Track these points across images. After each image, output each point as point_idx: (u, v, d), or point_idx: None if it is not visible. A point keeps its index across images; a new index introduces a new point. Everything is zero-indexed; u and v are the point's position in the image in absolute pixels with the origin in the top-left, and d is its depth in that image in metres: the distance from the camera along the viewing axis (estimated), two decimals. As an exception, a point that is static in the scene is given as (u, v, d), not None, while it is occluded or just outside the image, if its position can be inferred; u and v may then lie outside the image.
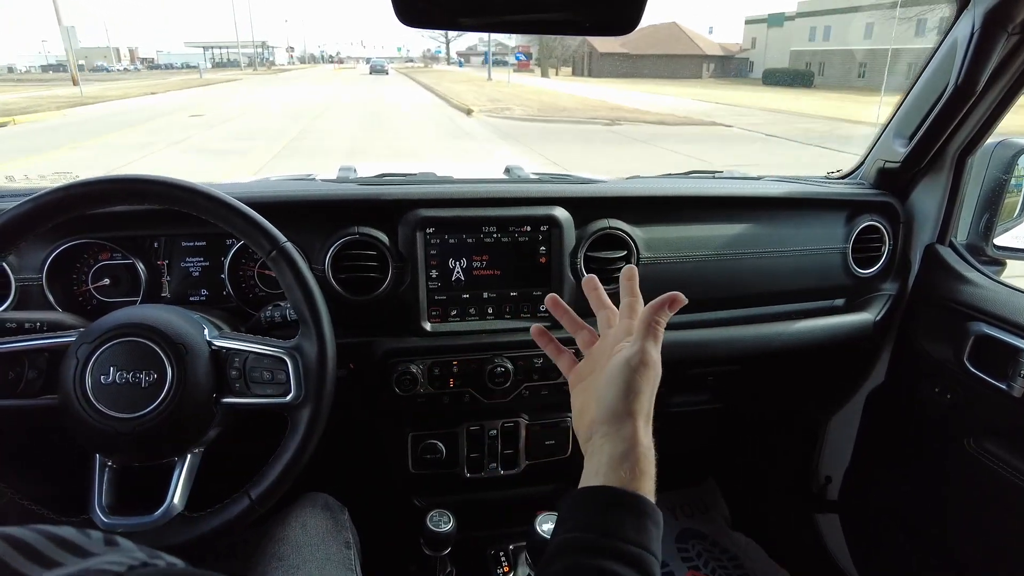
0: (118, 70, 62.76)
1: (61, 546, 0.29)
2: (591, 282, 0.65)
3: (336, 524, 0.92)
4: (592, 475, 0.51)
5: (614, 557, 0.45)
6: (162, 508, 0.74)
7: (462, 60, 73.13)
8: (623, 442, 0.52)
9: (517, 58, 47.80)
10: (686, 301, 0.60)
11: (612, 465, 0.51)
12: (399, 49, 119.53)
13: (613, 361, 0.56)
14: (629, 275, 0.63)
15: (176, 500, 0.75)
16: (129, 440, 0.70)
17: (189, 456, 0.76)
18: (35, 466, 0.91)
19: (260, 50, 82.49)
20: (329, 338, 0.77)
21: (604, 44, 39.83)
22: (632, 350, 0.55)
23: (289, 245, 0.77)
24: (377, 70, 45.32)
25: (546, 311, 1.02)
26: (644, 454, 0.51)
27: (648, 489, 0.50)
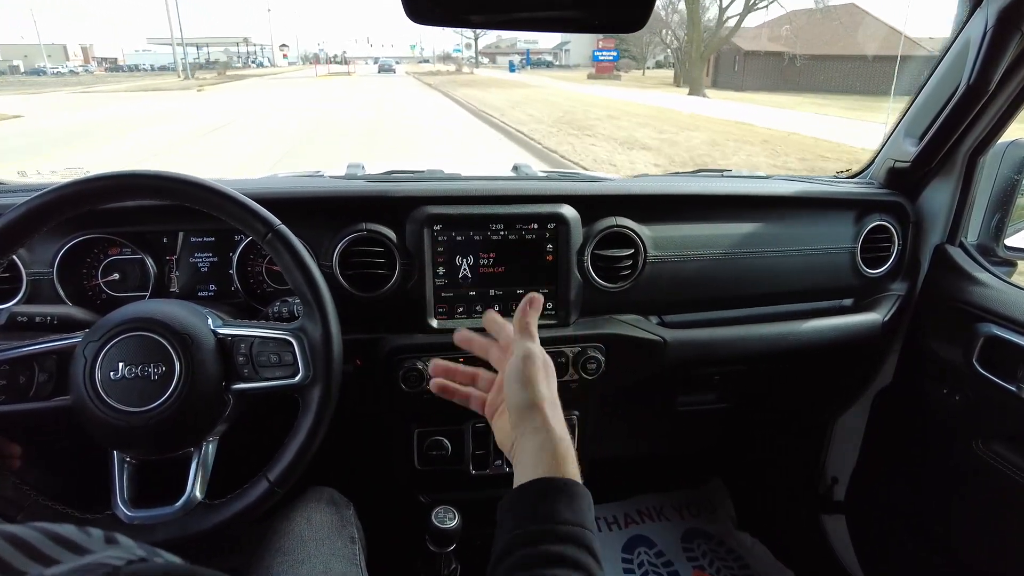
0: (57, 72, 48.35)
1: (61, 544, 0.29)
2: (464, 337, 0.71)
3: (341, 519, 0.93)
4: (521, 477, 0.56)
5: (554, 539, 0.49)
6: (183, 498, 0.75)
7: (513, 62, 46.31)
8: (537, 432, 0.57)
9: (596, 58, 31.11)
10: (542, 299, 0.67)
11: (535, 459, 0.55)
12: (412, 47, 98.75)
13: (506, 371, 0.63)
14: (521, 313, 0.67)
15: (196, 490, 0.75)
16: (143, 434, 0.71)
17: (204, 446, 0.77)
18: (55, 466, 0.92)
19: (241, 47, 67.72)
20: (332, 315, 0.77)
21: (747, 39, 23.44)
22: (516, 352, 0.62)
23: (284, 228, 0.77)
24: (385, 69, 45.73)
25: (552, 309, 1.02)
26: (560, 439, 0.56)
27: (573, 472, 0.55)
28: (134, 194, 0.76)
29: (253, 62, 69.30)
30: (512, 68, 43.09)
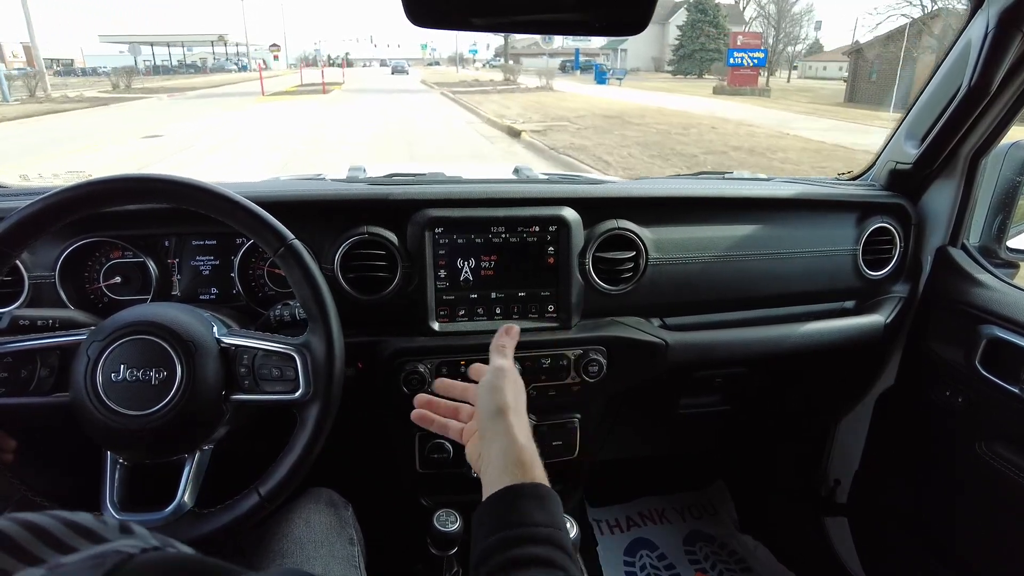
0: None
1: (78, 532, 0.30)
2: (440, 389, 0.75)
3: (340, 521, 0.92)
4: (489, 485, 0.57)
5: (530, 542, 0.50)
6: (172, 505, 0.74)
7: (607, 67, 32.07)
8: (501, 437, 0.60)
9: (730, 62, 20.57)
10: (518, 330, 0.74)
11: (501, 465, 0.57)
12: (424, 47, 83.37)
13: (479, 383, 0.68)
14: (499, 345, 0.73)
15: (186, 497, 0.75)
16: (139, 437, 0.71)
17: (199, 453, 0.77)
18: (47, 463, 0.92)
19: (217, 46, 56.23)
20: (337, 335, 0.77)
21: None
22: (490, 366, 0.68)
23: (297, 242, 0.78)
24: (398, 70, 44.07)
25: (554, 311, 1.02)
26: (524, 447, 0.59)
27: (539, 476, 0.57)
28: (146, 197, 0.77)
29: (236, 64, 55.92)
30: (602, 78, 27.87)
